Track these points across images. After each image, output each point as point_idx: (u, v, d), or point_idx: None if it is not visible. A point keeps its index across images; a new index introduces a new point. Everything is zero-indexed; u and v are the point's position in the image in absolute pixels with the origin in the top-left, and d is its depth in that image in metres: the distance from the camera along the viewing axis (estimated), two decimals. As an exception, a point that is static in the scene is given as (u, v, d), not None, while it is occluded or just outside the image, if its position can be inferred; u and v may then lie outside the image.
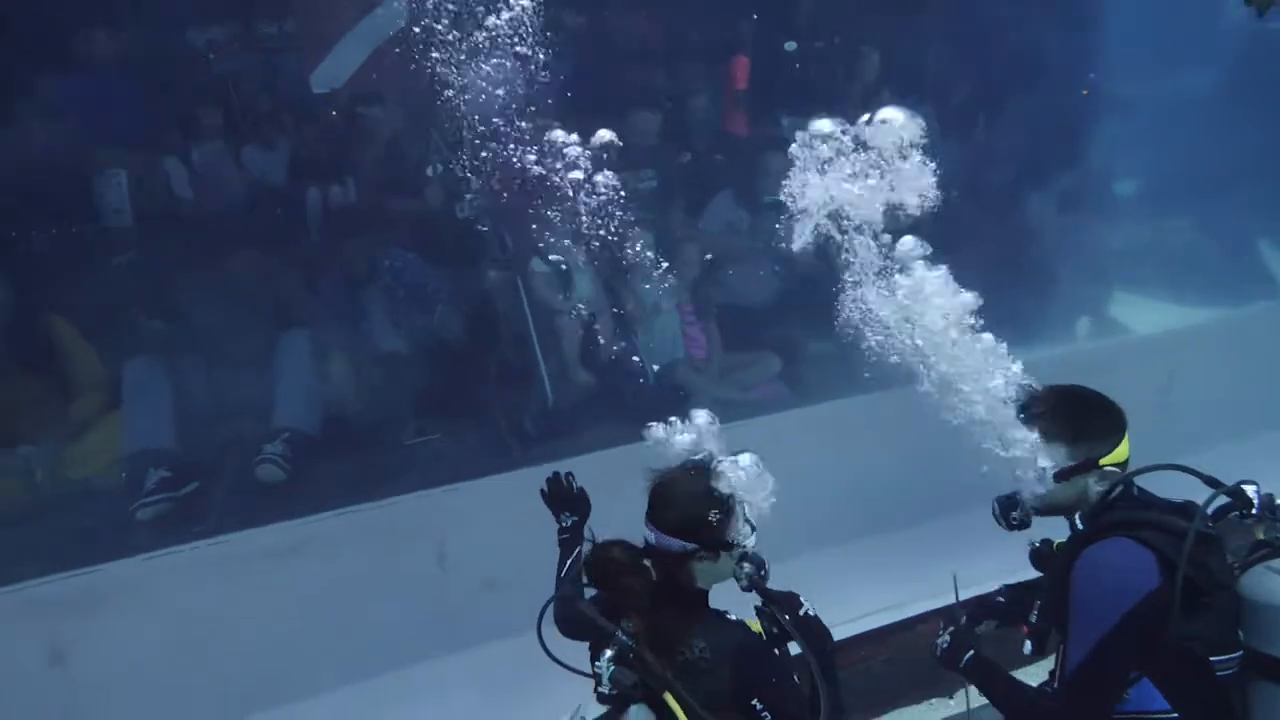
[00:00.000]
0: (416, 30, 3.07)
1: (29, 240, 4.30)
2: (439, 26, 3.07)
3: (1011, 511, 2.38)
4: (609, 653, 2.07)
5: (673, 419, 2.32)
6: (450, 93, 3.14)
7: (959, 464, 2.29)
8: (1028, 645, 2.44)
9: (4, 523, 3.74)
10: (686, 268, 4.66)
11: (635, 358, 4.31)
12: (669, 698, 2.03)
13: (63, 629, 3.31)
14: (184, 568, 3.47)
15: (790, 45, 5.77)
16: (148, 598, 3.43)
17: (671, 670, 2.05)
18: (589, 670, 2.14)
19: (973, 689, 2.42)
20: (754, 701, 2.05)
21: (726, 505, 2.18)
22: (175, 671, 3.42)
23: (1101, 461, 2.23)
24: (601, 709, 2.14)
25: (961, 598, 2.63)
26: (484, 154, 4.22)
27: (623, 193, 4.94)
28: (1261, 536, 2.17)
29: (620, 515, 2.31)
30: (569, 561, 2.53)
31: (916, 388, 2.32)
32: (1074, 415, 2.27)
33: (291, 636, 3.52)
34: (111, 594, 3.39)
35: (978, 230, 5.93)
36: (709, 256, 4.89)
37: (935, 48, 6.13)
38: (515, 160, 4.16)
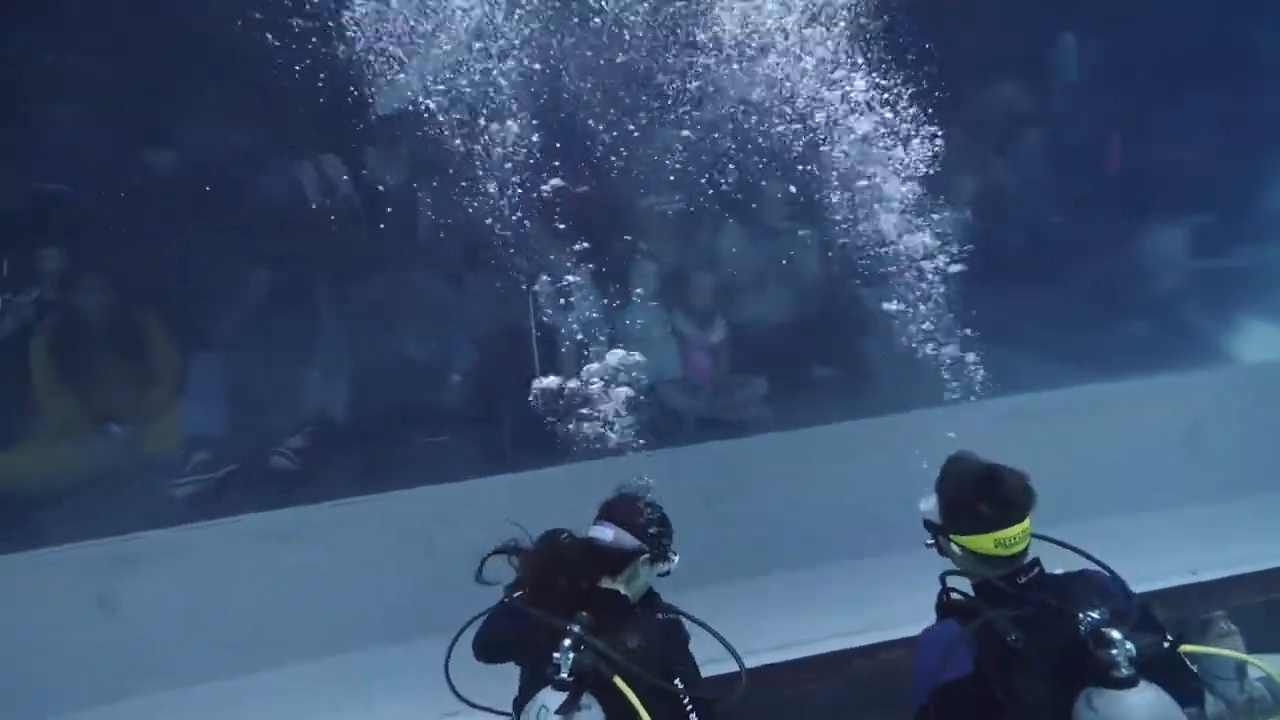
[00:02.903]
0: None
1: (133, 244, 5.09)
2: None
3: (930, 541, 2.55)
4: (567, 641, 2.38)
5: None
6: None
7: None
8: None
9: (88, 486, 4.47)
10: (698, 295, 4.88)
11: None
12: (619, 680, 2.33)
13: (111, 583, 3.99)
14: (210, 540, 4.09)
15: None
16: (182, 561, 4.07)
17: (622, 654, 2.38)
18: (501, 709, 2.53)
19: None
20: (676, 680, 2.40)
21: (668, 527, 2.72)
22: (199, 626, 4.05)
23: (952, 538, 2.37)
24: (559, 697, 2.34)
25: None
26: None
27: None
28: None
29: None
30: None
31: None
32: (952, 486, 2.45)
33: (293, 608, 4.07)
34: (154, 556, 4.05)
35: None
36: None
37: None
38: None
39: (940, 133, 5.97)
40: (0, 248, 4.93)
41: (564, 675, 2.31)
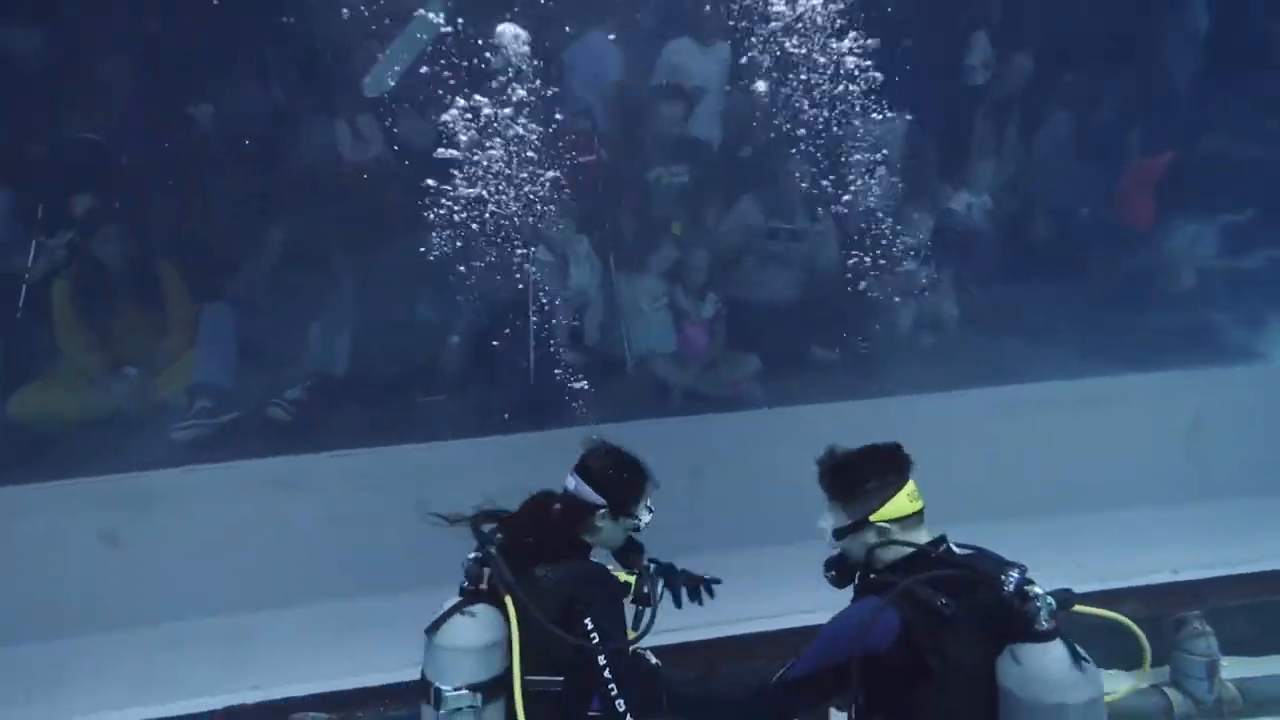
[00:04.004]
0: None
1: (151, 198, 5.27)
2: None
3: (830, 570, 2.60)
4: (473, 553, 2.50)
5: None
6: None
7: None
8: None
9: (101, 424, 4.69)
10: (693, 273, 4.92)
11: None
12: (509, 603, 2.37)
13: (118, 518, 4.19)
14: (211, 482, 4.27)
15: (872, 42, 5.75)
16: (183, 502, 4.26)
17: (521, 580, 2.39)
18: None
19: None
20: (586, 620, 2.38)
21: (640, 483, 2.62)
22: (201, 562, 4.24)
23: (872, 518, 2.41)
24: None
25: None
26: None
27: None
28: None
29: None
30: None
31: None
32: (847, 476, 2.45)
33: (285, 552, 4.24)
34: (157, 494, 4.24)
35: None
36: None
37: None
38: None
39: (960, 115, 5.97)
40: (36, 193, 5.15)
41: (463, 583, 2.45)
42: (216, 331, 4.85)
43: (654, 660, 2.65)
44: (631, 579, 2.68)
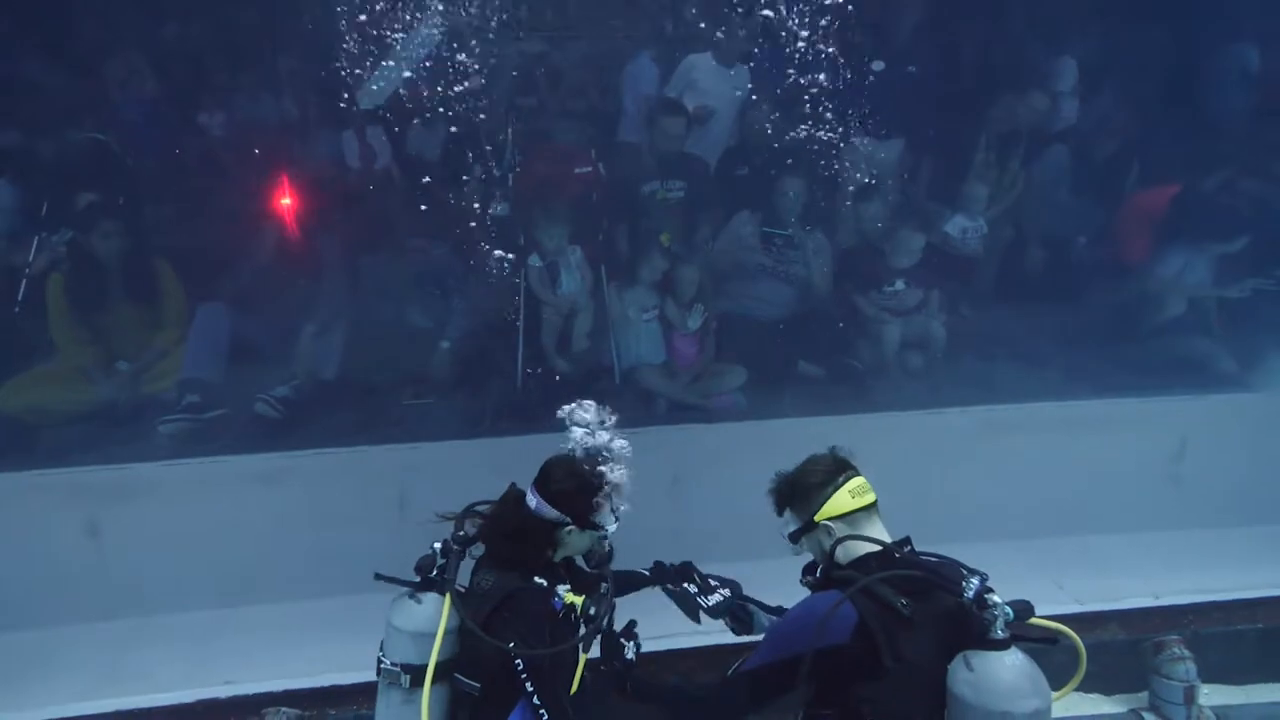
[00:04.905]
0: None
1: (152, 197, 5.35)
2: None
3: (805, 576, 2.65)
4: (438, 545, 2.59)
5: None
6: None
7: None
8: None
9: (90, 417, 4.71)
10: (682, 287, 4.96)
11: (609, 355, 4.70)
12: (447, 599, 2.48)
13: (99, 510, 4.20)
14: (194, 477, 4.28)
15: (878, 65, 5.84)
16: (165, 495, 4.26)
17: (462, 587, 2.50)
18: None
19: None
20: (507, 631, 2.42)
21: (601, 496, 2.59)
22: (179, 556, 4.24)
23: (816, 518, 2.44)
24: None
25: None
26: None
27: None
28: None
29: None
30: None
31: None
32: (787, 485, 2.57)
33: (268, 548, 4.24)
34: (139, 488, 4.25)
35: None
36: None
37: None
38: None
39: (957, 144, 6.04)
40: (42, 189, 5.23)
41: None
42: (209, 329, 4.88)
43: (630, 656, 2.62)
44: (579, 600, 2.59)
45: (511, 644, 2.39)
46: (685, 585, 2.90)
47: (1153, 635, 4.06)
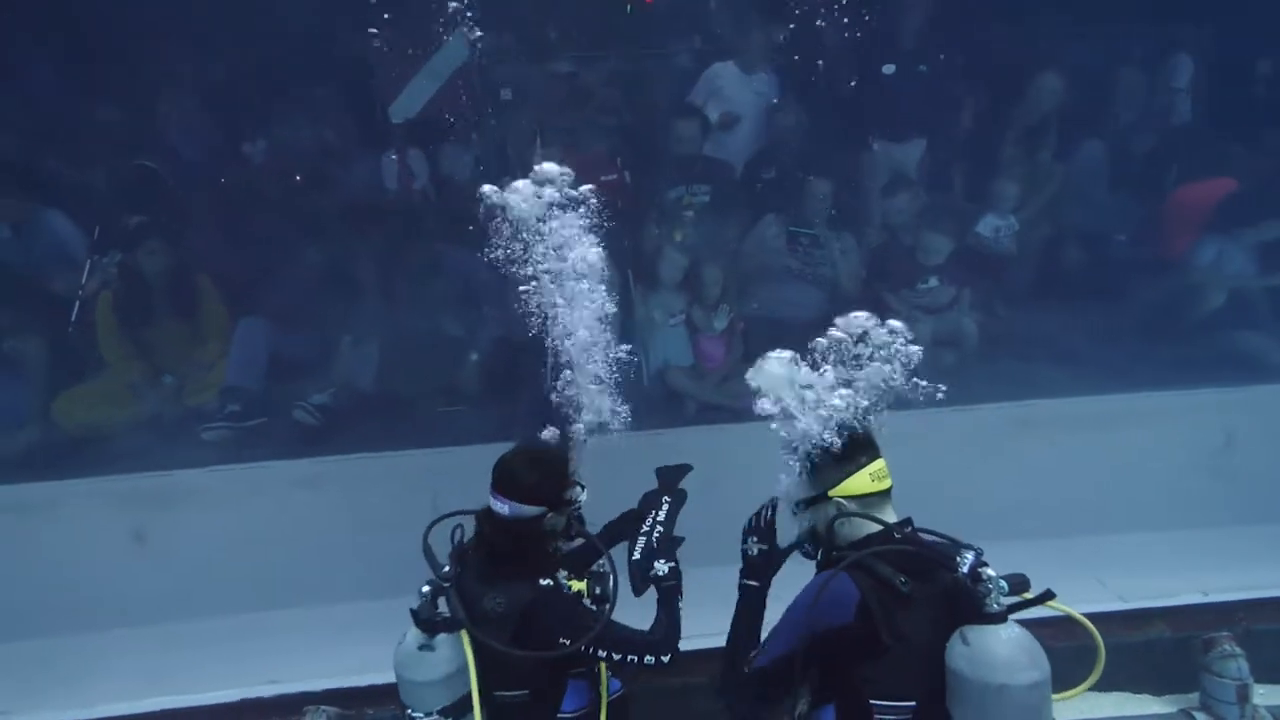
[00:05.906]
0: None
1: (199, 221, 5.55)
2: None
3: (805, 544, 2.63)
4: (426, 587, 2.54)
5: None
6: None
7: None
8: None
9: (137, 429, 4.87)
10: (706, 289, 4.99)
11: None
12: (464, 636, 2.47)
13: (146, 516, 4.34)
14: (236, 482, 4.41)
15: (889, 69, 5.86)
16: (209, 501, 4.40)
17: (471, 617, 2.45)
18: None
19: None
20: (556, 639, 2.41)
21: (563, 469, 2.62)
22: (223, 559, 4.35)
23: (831, 493, 2.43)
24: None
25: None
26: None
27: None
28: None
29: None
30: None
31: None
32: (818, 451, 2.49)
33: (307, 550, 4.33)
34: (183, 493, 4.39)
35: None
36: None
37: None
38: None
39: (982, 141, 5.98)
40: (94, 216, 5.46)
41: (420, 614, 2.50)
42: (250, 342, 5.02)
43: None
44: (582, 585, 2.61)
45: (564, 642, 2.40)
46: (649, 529, 2.82)
47: (1202, 633, 3.94)
